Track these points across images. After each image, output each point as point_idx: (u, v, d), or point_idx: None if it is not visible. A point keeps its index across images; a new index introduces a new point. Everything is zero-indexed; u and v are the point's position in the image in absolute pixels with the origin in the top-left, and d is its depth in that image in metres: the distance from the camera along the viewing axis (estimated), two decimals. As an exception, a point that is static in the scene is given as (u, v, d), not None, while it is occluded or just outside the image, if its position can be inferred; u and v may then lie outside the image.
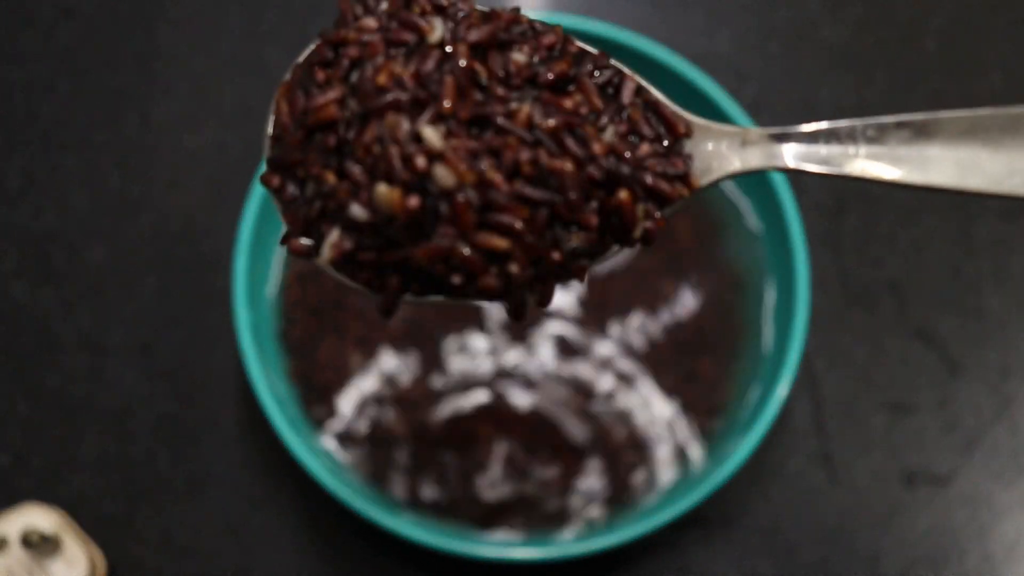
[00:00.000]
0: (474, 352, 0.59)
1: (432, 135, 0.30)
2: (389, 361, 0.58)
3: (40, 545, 0.53)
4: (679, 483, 0.56)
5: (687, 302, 0.59)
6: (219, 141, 0.63)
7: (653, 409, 0.57)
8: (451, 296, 0.31)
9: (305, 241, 0.32)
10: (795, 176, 0.58)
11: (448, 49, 0.31)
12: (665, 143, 0.33)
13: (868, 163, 0.32)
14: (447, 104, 0.30)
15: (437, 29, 0.31)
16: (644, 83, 0.33)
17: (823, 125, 0.33)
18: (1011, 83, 0.65)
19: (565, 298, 0.59)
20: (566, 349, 0.58)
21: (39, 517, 0.54)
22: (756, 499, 0.58)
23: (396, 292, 0.32)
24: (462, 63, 0.30)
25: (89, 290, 0.61)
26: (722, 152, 0.33)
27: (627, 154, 0.31)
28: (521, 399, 0.57)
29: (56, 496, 0.58)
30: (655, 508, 0.55)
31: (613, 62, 0.33)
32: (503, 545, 0.54)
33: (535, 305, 0.32)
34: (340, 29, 0.32)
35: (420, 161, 0.29)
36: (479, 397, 0.58)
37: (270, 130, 0.33)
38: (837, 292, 0.61)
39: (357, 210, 0.30)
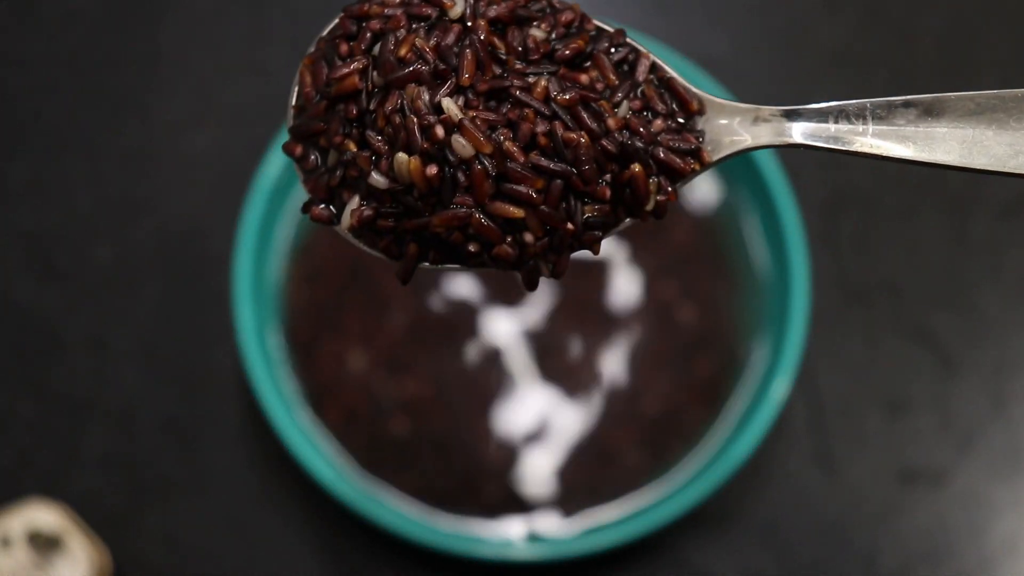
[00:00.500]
0: (474, 350, 0.58)
1: (451, 106, 0.31)
2: (390, 360, 0.58)
3: (44, 543, 0.53)
4: (678, 483, 0.56)
5: (686, 301, 0.58)
6: (221, 142, 0.63)
7: (652, 408, 0.57)
8: (467, 264, 0.32)
9: (326, 209, 0.33)
10: (793, 175, 0.58)
11: (468, 24, 0.32)
12: (678, 119, 0.34)
13: (876, 141, 0.33)
14: (466, 76, 0.31)
15: (458, 4, 0.32)
16: (659, 61, 0.34)
17: (833, 103, 0.33)
18: (1007, 83, 0.64)
19: (565, 297, 0.58)
20: (565, 348, 0.58)
21: (43, 514, 0.54)
22: (754, 497, 0.58)
23: (414, 259, 0.33)
24: (481, 37, 0.31)
25: (93, 290, 0.61)
26: (734, 128, 0.34)
27: (641, 129, 0.32)
28: (520, 398, 0.57)
29: (60, 494, 0.58)
30: (654, 507, 0.54)
31: (629, 40, 0.34)
32: (503, 545, 0.54)
33: (549, 275, 0.33)
34: (363, 3, 0.33)
35: (439, 131, 0.30)
36: (479, 395, 0.58)
37: (293, 101, 0.34)
38: (835, 291, 0.61)
39: (377, 178, 0.31)
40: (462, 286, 0.60)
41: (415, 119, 0.30)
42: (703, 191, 0.59)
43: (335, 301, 0.59)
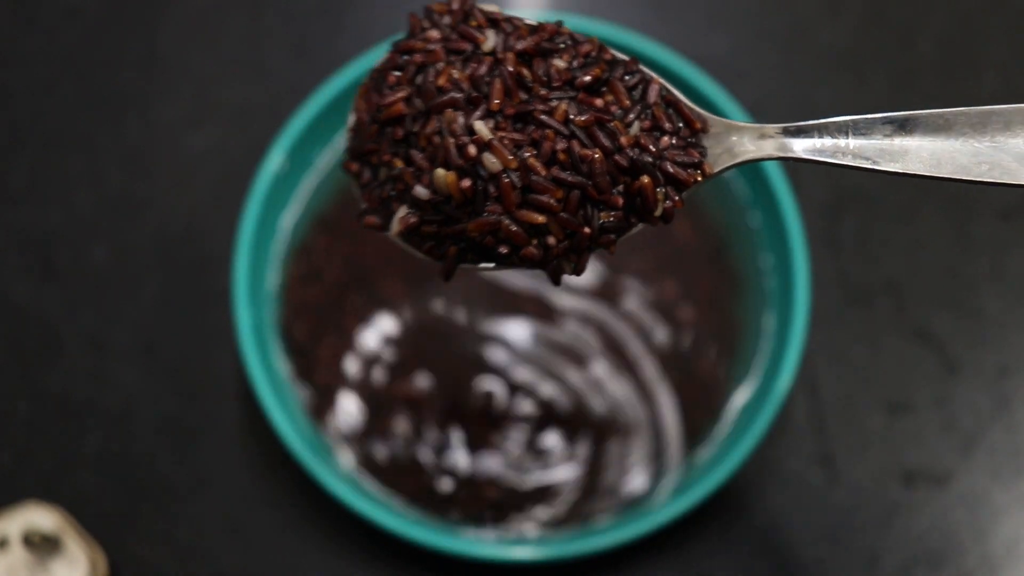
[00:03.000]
0: (474, 352, 0.58)
1: (482, 128, 0.36)
2: (389, 361, 0.57)
3: (41, 545, 0.52)
4: (678, 483, 0.55)
5: (687, 301, 0.58)
6: (220, 141, 0.63)
7: (652, 409, 0.56)
8: (500, 263, 0.37)
9: (378, 217, 0.38)
10: (795, 176, 0.59)
11: (499, 56, 0.37)
12: (684, 136, 0.38)
13: (857, 153, 0.37)
14: (496, 102, 0.36)
15: (490, 39, 0.37)
16: (667, 85, 0.39)
17: (819, 120, 0.38)
18: (1007, 84, 0.64)
19: (565, 298, 0.58)
20: (566, 349, 0.57)
21: (40, 516, 0.53)
22: (755, 499, 0.58)
23: (454, 260, 0.38)
24: (510, 68, 0.36)
25: (91, 290, 0.62)
26: (740, 143, 0.39)
27: (650, 146, 0.37)
28: (520, 399, 0.56)
29: (58, 495, 0.59)
30: (655, 508, 0.54)
31: (641, 67, 0.39)
32: (503, 545, 0.53)
33: (571, 273, 0.38)
34: (409, 39, 0.38)
35: (472, 149, 0.35)
36: (479, 396, 0.57)
37: (350, 123, 0.39)
38: (836, 292, 0.61)
39: (420, 191, 0.36)
40: (461, 288, 0.59)
41: (452, 139, 0.36)
42: (705, 191, 0.58)
43: (334, 302, 0.58)
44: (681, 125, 0.38)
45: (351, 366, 0.60)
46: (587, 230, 0.37)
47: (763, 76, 0.67)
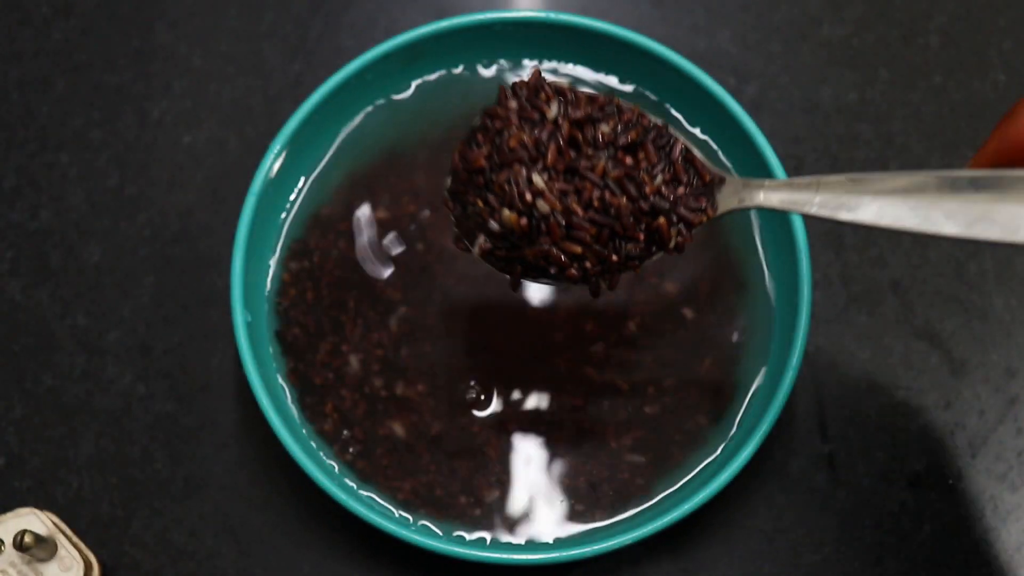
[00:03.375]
0: (472, 353, 0.57)
1: (538, 180, 0.47)
2: (387, 361, 0.57)
3: (34, 549, 0.52)
4: (681, 485, 0.54)
5: (688, 302, 0.57)
6: (217, 140, 0.64)
7: (653, 410, 0.56)
8: (551, 280, 0.50)
9: (465, 243, 0.51)
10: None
11: (559, 122, 0.49)
12: (697, 187, 0.49)
13: (822, 205, 0.46)
14: (550, 160, 0.48)
15: (552, 109, 0.49)
16: (688, 144, 0.50)
17: (793, 179, 0.49)
18: (1012, 81, 0.65)
19: (566, 299, 0.57)
20: (565, 349, 0.57)
21: (33, 518, 0.53)
22: (758, 501, 0.59)
23: (519, 275, 0.50)
24: (564, 133, 0.48)
25: (86, 290, 0.63)
26: (734, 193, 0.49)
27: (669, 194, 0.49)
28: (520, 401, 0.56)
29: (52, 498, 0.62)
30: (656, 510, 0.54)
31: (671, 130, 0.50)
32: (503, 547, 0.53)
33: (606, 288, 0.50)
34: (496, 106, 0.50)
35: (528, 196, 0.47)
36: (477, 398, 0.56)
37: (452, 167, 0.50)
38: (839, 292, 0.61)
39: (493, 224, 0.48)
40: (459, 289, 0.59)
41: (515, 188, 0.47)
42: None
43: (332, 301, 0.58)
44: (695, 178, 0.49)
45: (348, 366, 0.59)
46: (615, 258, 0.49)
47: (765, 73, 0.67)
